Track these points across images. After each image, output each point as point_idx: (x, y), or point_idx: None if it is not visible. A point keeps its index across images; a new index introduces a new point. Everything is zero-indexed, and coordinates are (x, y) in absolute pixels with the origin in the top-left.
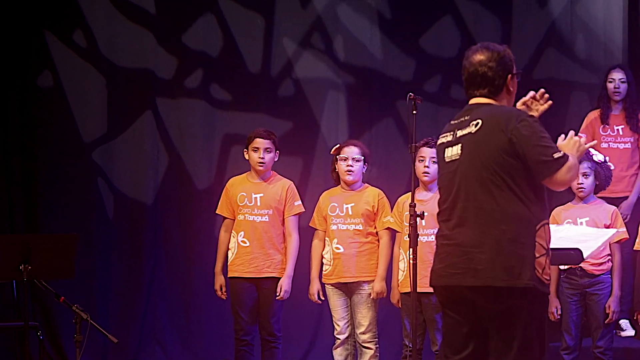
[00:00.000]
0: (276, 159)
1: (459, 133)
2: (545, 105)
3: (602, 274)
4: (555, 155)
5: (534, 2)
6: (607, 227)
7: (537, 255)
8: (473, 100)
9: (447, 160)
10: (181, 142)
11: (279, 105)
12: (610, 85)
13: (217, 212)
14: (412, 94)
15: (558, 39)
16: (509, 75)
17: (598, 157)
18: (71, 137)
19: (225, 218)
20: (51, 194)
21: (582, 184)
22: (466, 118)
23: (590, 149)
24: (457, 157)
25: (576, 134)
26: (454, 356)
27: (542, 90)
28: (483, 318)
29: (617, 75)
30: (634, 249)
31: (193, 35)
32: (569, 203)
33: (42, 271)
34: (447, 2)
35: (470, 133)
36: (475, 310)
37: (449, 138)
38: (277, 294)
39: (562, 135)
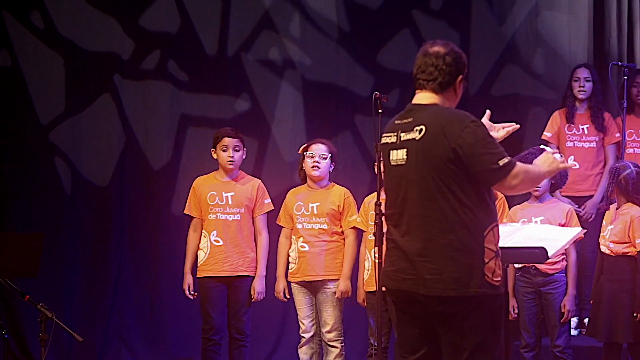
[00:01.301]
0: (244, 157)
1: (403, 136)
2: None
3: (556, 273)
4: (501, 163)
5: (493, 17)
6: (562, 226)
7: (486, 260)
8: (418, 98)
9: (392, 163)
10: (138, 122)
11: (236, 86)
12: (575, 84)
13: (185, 212)
14: (378, 93)
15: (517, 55)
16: (460, 76)
17: (555, 156)
18: (29, 117)
19: (193, 218)
20: (10, 180)
21: None
22: (410, 120)
23: (546, 148)
24: (403, 163)
25: (541, 133)
26: (409, 356)
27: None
28: (435, 320)
29: (583, 74)
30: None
31: (151, 17)
32: (525, 202)
33: (6, 269)
34: (405, 16)
35: (414, 139)
36: (427, 312)
37: (393, 139)
38: (252, 296)
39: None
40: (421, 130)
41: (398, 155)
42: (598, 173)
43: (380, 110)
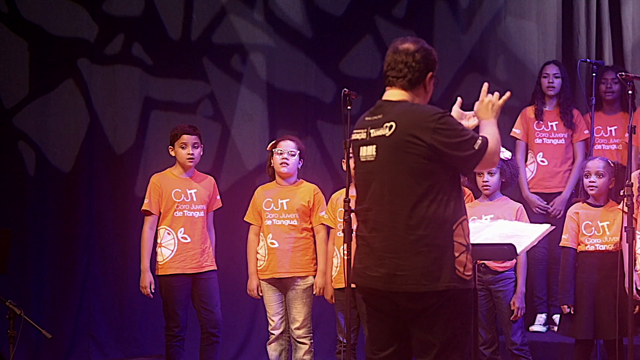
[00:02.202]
0: (202, 154)
1: (373, 133)
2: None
3: (506, 271)
4: (477, 146)
5: (456, 26)
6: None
7: (456, 254)
8: (388, 94)
9: (362, 159)
10: (102, 107)
11: (200, 71)
12: (544, 81)
13: (144, 208)
14: (347, 90)
15: (480, 63)
16: (430, 73)
17: (505, 154)
18: None
19: (150, 214)
20: None
21: (487, 181)
22: (379, 117)
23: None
24: (372, 159)
25: (511, 130)
26: (379, 353)
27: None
28: (405, 317)
29: (552, 70)
30: (560, 245)
31: (114, 2)
32: (476, 200)
33: None
34: (369, 23)
35: (384, 136)
36: (397, 309)
37: (363, 136)
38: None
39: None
40: (391, 126)
41: (367, 152)
42: (567, 170)
43: (349, 107)
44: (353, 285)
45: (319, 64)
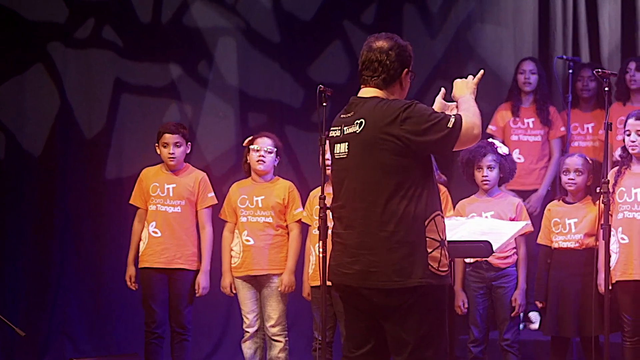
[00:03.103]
0: (188, 151)
1: (346, 130)
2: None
3: (508, 267)
4: (450, 124)
5: (426, 31)
6: (512, 220)
7: (429, 250)
8: (361, 92)
9: (337, 157)
10: (73, 90)
11: (170, 53)
12: (520, 77)
13: (130, 202)
14: (322, 86)
15: (449, 68)
16: (405, 70)
17: (503, 149)
18: None
19: (138, 208)
20: None
21: (487, 176)
22: (351, 114)
23: (495, 142)
24: (345, 156)
25: (486, 127)
26: (356, 351)
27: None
28: (379, 314)
29: (528, 67)
30: (537, 242)
31: None
32: (473, 196)
33: None
34: (337, 28)
35: (355, 133)
36: (372, 306)
37: (338, 133)
38: (196, 292)
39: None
40: (361, 123)
41: (341, 149)
42: (543, 167)
43: (324, 104)
44: (329, 283)
45: (287, 68)
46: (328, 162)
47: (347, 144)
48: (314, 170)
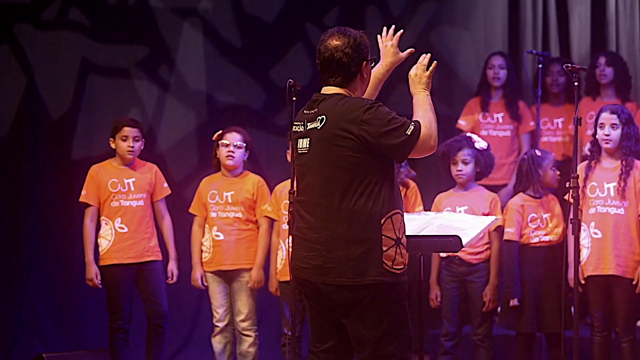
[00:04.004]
0: (142, 148)
1: (308, 125)
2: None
3: (480, 263)
4: (409, 132)
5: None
6: (486, 214)
7: (384, 248)
8: (324, 89)
9: (299, 151)
10: (39, 71)
11: (137, 34)
12: (489, 72)
13: (81, 200)
14: (292, 81)
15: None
16: (364, 62)
17: (480, 144)
18: None
19: (89, 206)
20: None
21: (461, 170)
22: (315, 110)
23: (473, 136)
24: (306, 152)
25: (456, 121)
26: (320, 345)
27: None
28: (338, 311)
29: (497, 62)
30: (504, 239)
31: None
32: (450, 190)
33: None
34: (299, 30)
35: (316, 129)
36: (331, 302)
37: (301, 129)
38: (169, 279)
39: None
40: (322, 119)
41: (303, 144)
42: (512, 162)
43: (294, 98)
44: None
45: (249, 70)
46: None
47: (308, 139)
48: (275, 173)
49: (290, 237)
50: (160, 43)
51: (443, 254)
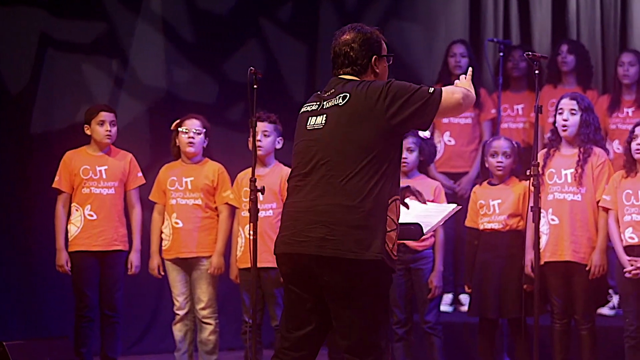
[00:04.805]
0: (116, 135)
1: (326, 104)
2: None
3: (425, 250)
4: (430, 90)
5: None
6: (431, 202)
7: (388, 229)
8: (340, 75)
9: (309, 128)
10: None
11: (95, 10)
12: (451, 60)
13: (53, 186)
14: (253, 68)
15: None
16: (374, 57)
17: (424, 133)
18: None
19: (62, 192)
20: None
21: (406, 158)
22: (332, 91)
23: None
24: (320, 127)
25: None
26: (296, 332)
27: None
28: (327, 293)
29: (458, 50)
30: (465, 225)
31: None
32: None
33: None
34: (253, 24)
35: (337, 105)
36: (319, 284)
37: (314, 107)
38: (129, 270)
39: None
40: (345, 97)
41: (316, 121)
42: (474, 149)
43: (255, 86)
44: (260, 265)
45: (201, 64)
46: (258, 144)
47: (324, 116)
48: (228, 165)
49: (250, 225)
50: (119, 20)
51: None
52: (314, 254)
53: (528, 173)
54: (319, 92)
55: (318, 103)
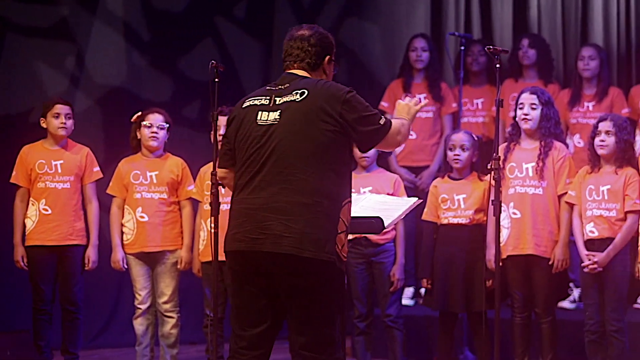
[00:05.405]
0: (72, 128)
1: (279, 100)
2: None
3: (387, 243)
4: (382, 122)
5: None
6: (390, 195)
7: (339, 231)
8: (291, 72)
9: (260, 123)
10: None
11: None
12: (412, 54)
13: (12, 181)
14: (215, 62)
15: None
16: (327, 57)
17: None
18: None
19: (20, 187)
20: None
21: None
22: (287, 86)
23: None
24: (275, 123)
25: (379, 103)
26: (251, 330)
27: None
28: (282, 292)
29: (419, 44)
30: (422, 218)
31: None
32: (352, 172)
33: None
34: (208, 23)
35: (294, 101)
36: (273, 282)
37: (265, 102)
38: (86, 265)
39: (399, 101)
40: (303, 93)
41: (269, 117)
42: (435, 143)
43: (216, 80)
44: (221, 259)
45: (156, 62)
46: (220, 138)
47: (278, 112)
48: (188, 163)
49: (212, 218)
50: (74, 19)
51: (349, 236)
52: (270, 251)
53: (489, 167)
54: (267, 87)
55: (269, 97)
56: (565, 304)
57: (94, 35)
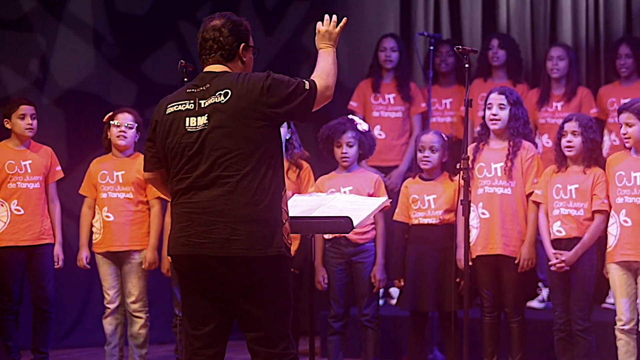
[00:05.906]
0: (36, 129)
1: (203, 103)
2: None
3: (367, 243)
4: (307, 86)
5: (261, 29)
6: (371, 195)
7: (283, 221)
8: (208, 68)
9: (189, 129)
10: None
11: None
12: (381, 54)
13: None
14: (184, 61)
15: (284, 68)
16: (242, 44)
17: (362, 126)
18: None
19: None
20: None
21: (346, 153)
22: (207, 87)
23: (355, 118)
24: (204, 127)
25: (347, 103)
26: (203, 328)
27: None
28: (232, 292)
29: (389, 44)
30: (394, 219)
31: None
32: (333, 172)
33: None
34: (172, 26)
35: (219, 103)
36: (222, 283)
37: (190, 107)
38: (56, 263)
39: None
40: (226, 94)
41: (198, 122)
42: (404, 143)
43: (185, 79)
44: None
45: (118, 65)
46: None
47: (206, 116)
48: None
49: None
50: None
51: (328, 236)
52: (218, 255)
53: (458, 167)
54: (188, 90)
55: (192, 101)
56: (534, 303)
57: (58, 42)
